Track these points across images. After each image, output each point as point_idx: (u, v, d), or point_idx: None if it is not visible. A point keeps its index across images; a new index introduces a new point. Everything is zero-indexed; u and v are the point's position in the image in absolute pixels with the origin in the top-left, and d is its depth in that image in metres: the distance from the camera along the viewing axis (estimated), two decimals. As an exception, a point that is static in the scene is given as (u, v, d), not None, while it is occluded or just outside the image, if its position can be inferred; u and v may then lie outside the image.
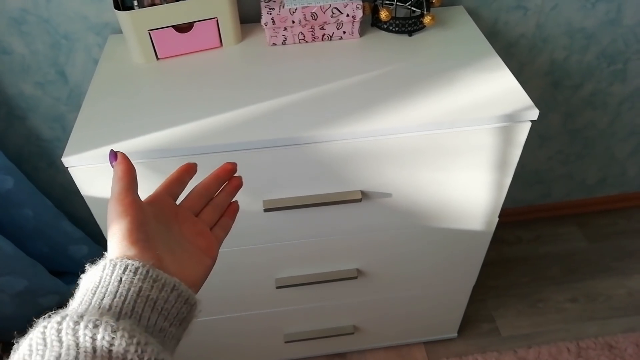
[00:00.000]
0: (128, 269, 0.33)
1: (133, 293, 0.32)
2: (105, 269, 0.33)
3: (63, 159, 0.70)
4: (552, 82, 1.24)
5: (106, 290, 0.32)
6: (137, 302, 0.32)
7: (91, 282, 0.33)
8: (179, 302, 0.35)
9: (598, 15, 1.12)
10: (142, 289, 0.32)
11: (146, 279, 0.33)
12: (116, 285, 0.32)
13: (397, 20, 0.92)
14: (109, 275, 0.33)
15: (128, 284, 0.32)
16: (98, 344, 0.28)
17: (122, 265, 0.33)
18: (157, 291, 0.33)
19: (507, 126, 0.76)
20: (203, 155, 0.72)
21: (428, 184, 0.83)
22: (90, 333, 0.28)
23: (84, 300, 0.32)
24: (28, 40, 0.97)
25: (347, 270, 0.98)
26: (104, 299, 0.32)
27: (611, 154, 1.48)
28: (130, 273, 0.33)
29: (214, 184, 0.46)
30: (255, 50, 0.91)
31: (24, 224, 1.12)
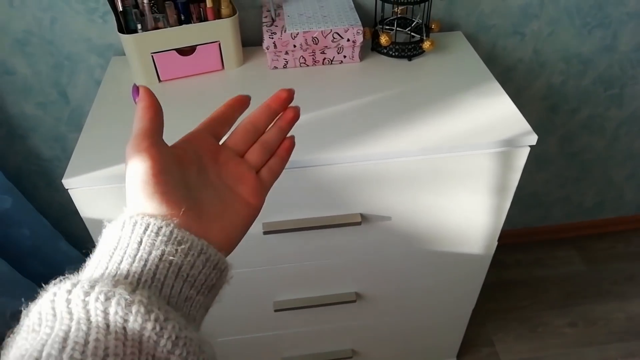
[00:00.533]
0: (150, 229, 0.29)
1: (155, 257, 0.28)
2: (125, 228, 0.29)
3: (63, 180, 0.69)
4: (549, 106, 1.26)
5: (124, 252, 0.28)
6: (159, 268, 0.28)
7: (109, 242, 0.29)
8: (207, 268, 0.30)
9: (594, 41, 1.14)
10: (165, 252, 0.28)
11: (169, 241, 0.29)
12: (135, 248, 0.28)
13: (397, 45, 0.93)
14: (127, 236, 0.29)
15: (149, 247, 0.28)
16: (111, 318, 0.25)
17: (143, 223, 0.29)
18: (182, 255, 0.29)
19: (506, 151, 0.77)
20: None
21: (427, 208, 0.83)
22: (102, 307, 0.25)
23: (100, 263, 0.28)
24: (31, 61, 0.98)
25: (346, 293, 0.97)
26: (122, 263, 0.28)
27: (608, 178, 1.49)
28: (152, 234, 0.29)
29: (265, 117, 0.39)
30: (257, 74, 0.92)
31: (21, 244, 1.11)
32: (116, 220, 0.30)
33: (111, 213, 0.74)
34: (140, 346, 0.25)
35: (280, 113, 0.40)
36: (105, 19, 0.94)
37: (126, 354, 0.24)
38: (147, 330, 0.25)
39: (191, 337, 0.26)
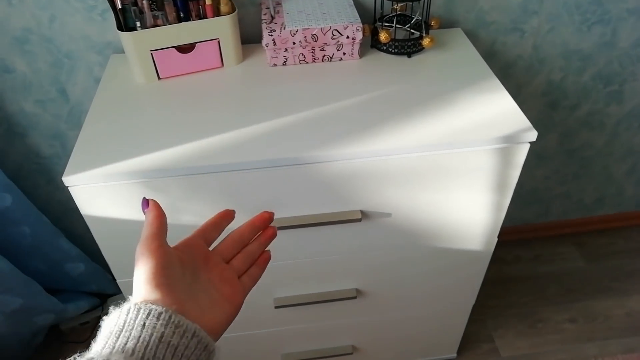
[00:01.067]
0: (152, 314, 0.34)
1: (155, 338, 0.33)
2: (130, 313, 0.34)
3: (63, 178, 0.70)
4: (549, 102, 1.26)
5: (130, 334, 0.33)
6: (158, 348, 0.33)
7: (115, 324, 0.34)
8: (199, 349, 0.35)
9: (593, 37, 1.14)
10: (164, 334, 0.33)
11: (168, 325, 0.34)
12: (139, 330, 0.33)
13: (396, 42, 0.93)
14: (132, 320, 0.33)
15: (151, 329, 0.33)
16: None
17: (146, 309, 0.34)
18: (179, 337, 0.34)
19: (506, 147, 0.77)
20: (204, 175, 0.72)
21: (427, 204, 0.83)
22: None
23: (107, 343, 0.33)
24: (30, 59, 0.98)
25: (346, 290, 0.97)
26: (128, 343, 0.32)
27: (608, 174, 1.49)
28: (154, 318, 0.33)
29: (249, 232, 0.46)
30: (256, 71, 0.92)
31: (21, 242, 1.12)
32: (121, 307, 0.35)
33: (111, 210, 0.75)
34: None
35: (260, 230, 0.47)
36: (104, 17, 0.94)
37: None
38: None
39: None
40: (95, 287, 1.32)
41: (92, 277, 1.29)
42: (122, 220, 0.76)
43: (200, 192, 0.74)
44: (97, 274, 1.30)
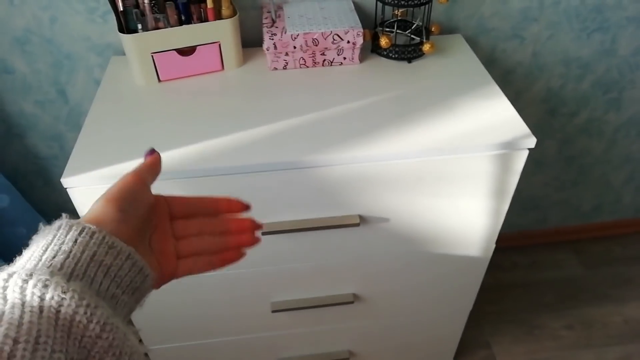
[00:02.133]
0: (85, 232, 0.32)
1: (87, 256, 0.31)
2: (61, 229, 0.32)
3: (62, 179, 0.69)
4: (548, 109, 1.26)
5: (59, 249, 0.31)
6: (90, 266, 0.31)
7: (44, 239, 0.32)
8: (133, 271, 0.34)
9: (593, 45, 1.14)
10: (97, 253, 0.32)
11: (101, 244, 0.32)
12: (70, 246, 0.31)
13: (397, 47, 0.94)
14: (63, 235, 0.32)
15: (83, 246, 0.31)
16: (46, 303, 0.27)
17: (79, 227, 0.32)
18: (112, 258, 0.32)
19: (505, 154, 0.77)
20: (203, 177, 0.72)
21: (426, 210, 0.83)
22: (39, 292, 0.27)
23: (33, 256, 0.31)
24: (30, 60, 0.98)
25: (343, 294, 0.97)
26: (56, 257, 0.30)
27: (606, 181, 1.49)
28: (87, 236, 0.32)
29: (209, 203, 0.43)
30: (257, 74, 0.92)
31: (17, 243, 1.11)
32: (52, 224, 0.33)
33: (109, 213, 0.74)
34: (69, 329, 0.28)
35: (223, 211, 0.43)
36: (105, 19, 0.94)
37: (56, 337, 0.27)
38: (79, 315, 0.28)
39: (118, 325, 0.29)
40: (91, 289, 1.32)
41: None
42: (120, 222, 0.76)
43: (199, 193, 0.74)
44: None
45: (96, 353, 0.28)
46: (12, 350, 0.25)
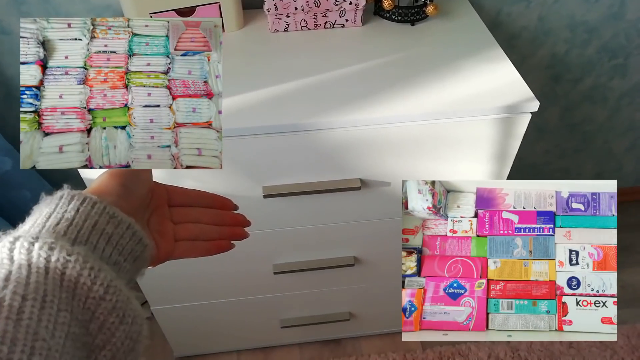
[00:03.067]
0: (86, 202, 0.33)
1: (89, 225, 0.32)
2: (63, 198, 0.33)
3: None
4: (552, 75, 1.25)
5: (62, 217, 0.32)
6: (92, 234, 0.32)
7: (46, 207, 0.33)
8: (133, 241, 0.35)
9: (601, 9, 1.12)
10: (98, 222, 0.33)
11: (103, 214, 0.33)
12: (72, 214, 0.32)
13: (400, 9, 0.92)
14: (65, 204, 0.32)
15: (85, 215, 0.32)
16: (51, 265, 0.28)
17: (81, 197, 0.33)
18: (113, 227, 0.33)
19: (507, 117, 0.77)
20: (204, 140, 0.72)
21: (427, 173, 0.84)
22: (45, 254, 0.28)
23: (36, 222, 0.32)
24: (28, 21, 0.97)
25: (344, 257, 0.99)
26: (59, 224, 0.31)
27: (608, 149, 1.49)
28: (88, 206, 0.33)
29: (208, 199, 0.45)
30: (257, 37, 0.91)
31: (22, 206, 1.12)
32: (54, 194, 0.34)
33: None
34: (74, 291, 0.29)
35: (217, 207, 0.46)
36: (103, -22, 0.93)
37: (62, 297, 0.28)
38: (83, 277, 0.29)
39: (121, 288, 0.31)
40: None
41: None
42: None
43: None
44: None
45: (100, 314, 0.29)
46: (21, 307, 0.26)
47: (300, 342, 1.32)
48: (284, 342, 1.30)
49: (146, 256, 0.37)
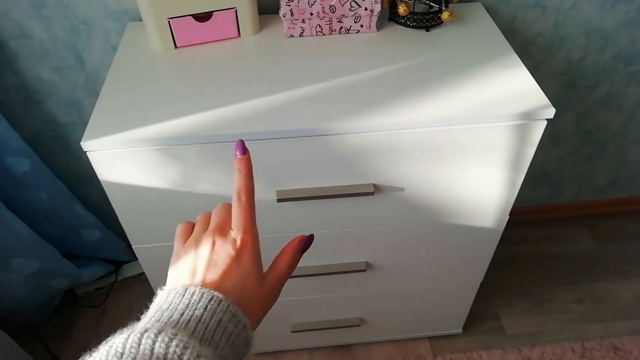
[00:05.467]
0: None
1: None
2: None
3: (82, 142, 0.70)
4: (567, 82, 1.24)
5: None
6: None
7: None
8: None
9: (617, 15, 1.11)
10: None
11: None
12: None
13: (415, 15, 0.92)
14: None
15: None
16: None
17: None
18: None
19: (523, 124, 0.76)
20: (220, 144, 0.73)
21: (441, 180, 0.83)
22: (179, 351, 0.29)
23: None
24: (47, 25, 0.98)
25: (356, 262, 0.99)
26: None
27: (623, 157, 1.47)
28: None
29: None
30: (273, 42, 0.91)
31: (38, 207, 1.14)
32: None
33: (128, 176, 0.76)
34: None
35: None
36: (122, -17, 0.94)
37: None
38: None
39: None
40: (109, 254, 1.35)
41: (107, 244, 1.31)
42: (139, 186, 0.77)
43: (216, 160, 0.75)
44: (112, 241, 1.33)
45: None
46: None
47: (310, 347, 1.32)
48: (294, 347, 1.30)
49: (244, 354, 0.37)
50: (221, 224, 0.40)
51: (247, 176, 0.41)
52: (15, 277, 1.11)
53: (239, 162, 0.41)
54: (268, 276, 0.41)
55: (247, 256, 0.38)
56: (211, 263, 0.38)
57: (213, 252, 0.38)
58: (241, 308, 0.36)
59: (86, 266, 1.30)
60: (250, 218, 0.40)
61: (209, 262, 0.38)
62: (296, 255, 0.44)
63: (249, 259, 0.38)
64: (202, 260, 0.38)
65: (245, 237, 0.39)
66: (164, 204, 0.81)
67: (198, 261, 0.38)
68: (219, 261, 0.38)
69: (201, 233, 0.40)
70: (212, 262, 0.38)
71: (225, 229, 0.40)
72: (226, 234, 0.39)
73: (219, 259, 0.38)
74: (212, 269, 0.37)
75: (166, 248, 0.88)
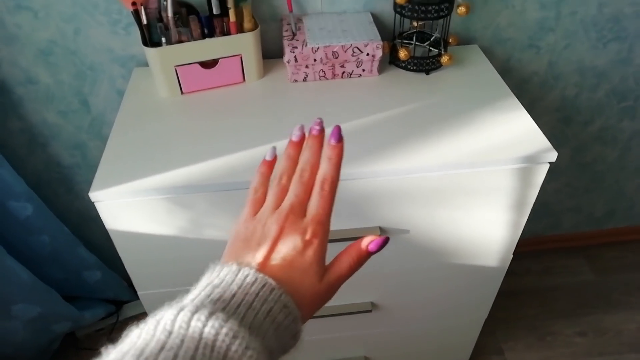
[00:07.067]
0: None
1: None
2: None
3: (90, 193, 0.71)
4: (562, 118, 1.27)
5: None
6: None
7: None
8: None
9: (609, 54, 1.15)
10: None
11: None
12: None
13: (415, 59, 0.94)
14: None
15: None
16: (231, 352, 0.28)
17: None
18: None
19: (525, 167, 0.78)
20: (229, 191, 0.73)
21: (445, 222, 0.84)
22: (228, 341, 0.28)
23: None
24: (54, 71, 1.00)
25: (361, 303, 0.98)
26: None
27: (619, 188, 1.49)
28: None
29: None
30: (277, 86, 0.93)
31: (40, 251, 1.13)
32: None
33: (136, 225, 0.76)
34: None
35: None
36: (128, 31, 0.96)
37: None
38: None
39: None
40: (111, 294, 1.34)
41: (108, 284, 1.30)
42: (147, 234, 0.77)
43: (225, 207, 0.76)
44: (114, 282, 1.31)
45: None
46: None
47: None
48: (297, 387, 1.28)
49: (291, 347, 0.36)
50: (296, 206, 0.37)
51: (337, 166, 0.39)
52: (15, 324, 1.10)
53: (332, 149, 0.39)
54: (328, 273, 0.38)
55: (313, 250, 0.36)
56: (275, 248, 0.36)
57: (280, 237, 0.36)
58: (294, 300, 0.34)
59: (87, 308, 1.28)
60: (328, 210, 0.38)
61: (272, 246, 0.36)
62: (362, 258, 0.41)
63: (315, 253, 0.36)
64: (266, 243, 0.36)
65: (317, 228, 0.36)
66: (172, 251, 0.81)
67: (262, 242, 0.36)
68: (283, 249, 0.36)
69: (273, 210, 0.38)
70: (277, 248, 0.36)
71: (299, 213, 0.37)
72: (298, 220, 0.37)
73: (284, 247, 0.36)
74: (274, 254, 0.35)
75: (172, 294, 0.87)
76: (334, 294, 0.39)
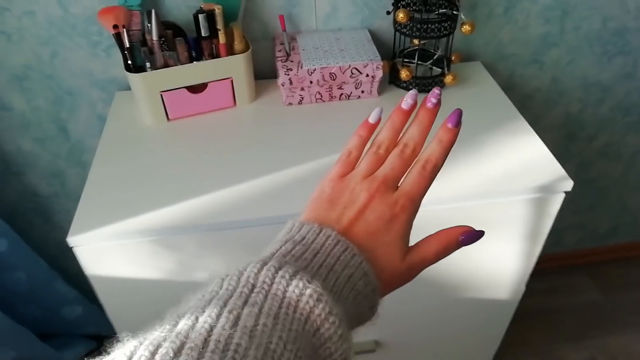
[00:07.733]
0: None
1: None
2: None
3: (68, 238, 0.64)
4: (566, 134, 1.22)
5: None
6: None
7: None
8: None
9: (614, 69, 1.11)
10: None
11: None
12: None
13: (417, 80, 0.89)
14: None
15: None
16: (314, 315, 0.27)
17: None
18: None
19: (540, 197, 0.72)
20: (221, 231, 0.67)
21: (457, 255, 0.78)
22: (312, 303, 0.27)
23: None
24: (29, 97, 0.92)
25: (365, 342, 0.92)
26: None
27: (623, 204, 1.45)
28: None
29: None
30: (271, 110, 0.87)
31: (16, 288, 1.05)
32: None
33: (118, 269, 0.69)
34: (318, 348, 0.27)
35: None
36: (109, 53, 0.89)
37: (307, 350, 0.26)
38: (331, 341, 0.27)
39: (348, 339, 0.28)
40: (92, 329, 1.25)
41: (89, 319, 1.22)
42: (131, 279, 0.70)
43: (217, 248, 0.69)
44: (95, 316, 1.23)
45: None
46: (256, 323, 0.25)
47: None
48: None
49: (368, 318, 0.34)
50: (389, 179, 0.36)
51: (446, 150, 0.37)
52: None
53: (446, 132, 0.38)
54: (412, 254, 0.36)
55: (400, 224, 0.34)
56: (361, 215, 0.34)
57: (369, 205, 0.34)
58: (374, 271, 0.32)
59: (66, 346, 1.19)
60: (424, 190, 0.36)
61: (359, 213, 0.34)
62: (450, 247, 0.39)
63: (401, 228, 0.34)
64: (353, 207, 0.34)
65: (408, 204, 0.35)
66: (158, 295, 0.74)
67: (348, 206, 0.34)
68: (370, 217, 0.34)
69: (364, 177, 0.36)
70: (363, 215, 0.34)
71: (391, 187, 0.35)
72: (390, 191, 0.35)
73: (371, 216, 0.34)
74: (360, 221, 0.34)
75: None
76: (412, 277, 0.36)
